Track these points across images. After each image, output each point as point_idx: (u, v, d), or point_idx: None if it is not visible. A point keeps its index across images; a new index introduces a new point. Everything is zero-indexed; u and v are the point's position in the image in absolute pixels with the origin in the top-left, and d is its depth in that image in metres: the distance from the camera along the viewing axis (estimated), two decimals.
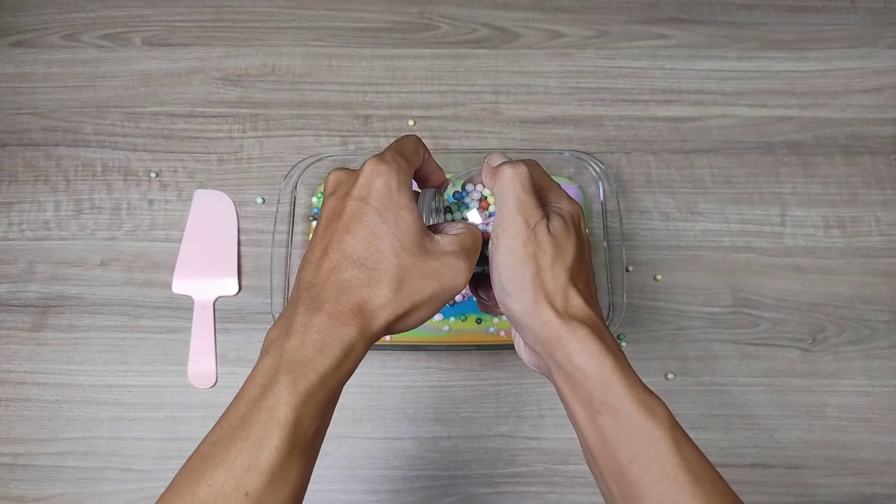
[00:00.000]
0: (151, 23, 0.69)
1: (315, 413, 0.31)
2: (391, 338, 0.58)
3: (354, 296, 0.33)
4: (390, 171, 0.35)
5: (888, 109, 0.67)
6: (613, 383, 0.34)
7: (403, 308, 0.34)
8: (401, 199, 0.35)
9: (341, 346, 0.31)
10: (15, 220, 0.63)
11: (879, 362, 0.59)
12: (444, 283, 0.35)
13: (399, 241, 0.34)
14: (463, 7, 0.70)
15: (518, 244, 0.36)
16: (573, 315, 0.36)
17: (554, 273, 0.36)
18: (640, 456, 0.33)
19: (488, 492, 0.56)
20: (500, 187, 0.37)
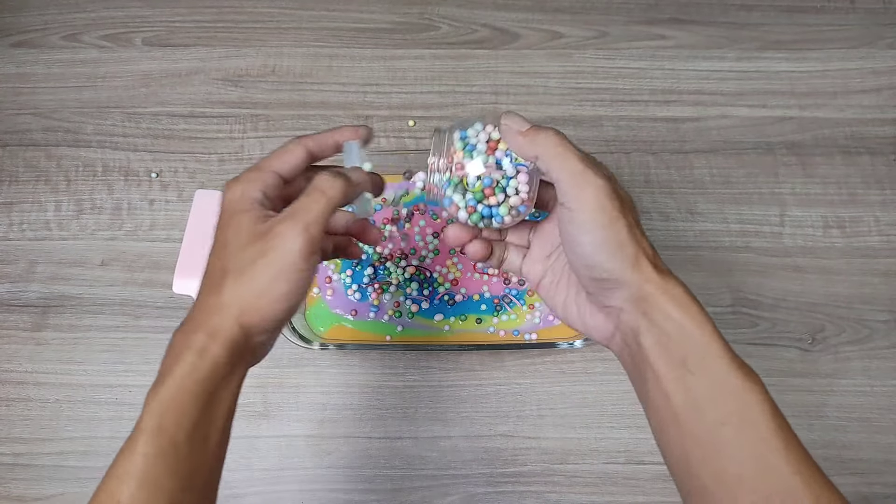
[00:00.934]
0: (152, 23, 0.70)
1: (179, 417, 0.32)
2: (391, 337, 0.58)
3: (204, 305, 0.35)
4: (232, 188, 0.37)
5: (887, 110, 0.67)
6: (712, 345, 0.34)
7: (248, 295, 0.34)
8: (242, 205, 0.36)
9: (190, 351, 0.33)
10: (16, 220, 0.63)
11: (878, 362, 0.59)
12: (278, 251, 0.34)
13: (236, 241, 0.35)
14: (463, 8, 0.70)
15: (605, 200, 0.35)
16: (668, 273, 0.35)
17: (640, 228, 0.36)
18: (733, 418, 0.33)
19: (488, 491, 0.56)
20: (549, 149, 0.36)
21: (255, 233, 0.35)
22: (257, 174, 0.38)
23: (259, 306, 0.34)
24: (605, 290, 0.37)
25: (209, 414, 0.33)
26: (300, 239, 0.34)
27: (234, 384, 0.35)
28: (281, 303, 0.35)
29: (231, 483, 0.56)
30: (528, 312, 0.59)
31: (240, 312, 0.34)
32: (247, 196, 0.36)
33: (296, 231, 0.34)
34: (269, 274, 0.34)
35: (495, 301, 0.59)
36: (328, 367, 0.59)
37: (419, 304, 0.59)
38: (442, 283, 0.59)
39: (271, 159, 0.38)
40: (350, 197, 0.38)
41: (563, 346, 0.56)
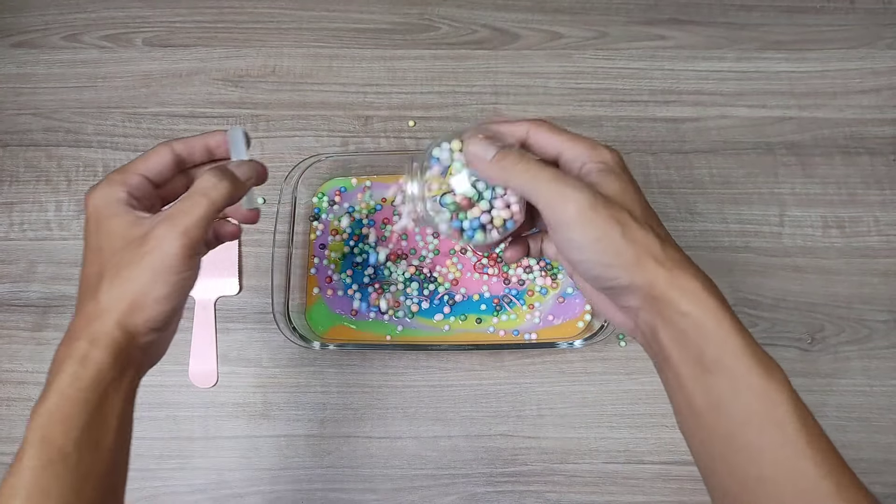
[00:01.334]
0: (152, 24, 0.70)
1: (65, 426, 0.32)
2: (391, 337, 0.58)
3: (82, 313, 0.35)
4: (94, 193, 0.37)
5: (887, 110, 0.67)
6: (730, 340, 0.32)
7: (127, 298, 0.34)
8: (109, 209, 0.36)
9: (72, 360, 0.33)
10: (16, 220, 0.63)
11: (878, 362, 0.59)
12: (155, 253, 0.34)
13: (109, 245, 0.35)
14: (463, 8, 0.70)
15: (589, 213, 0.33)
16: (678, 265, 0.34)
17: (640, 225, 0.34)
18: (756, 418, 0.31)
19: (488, 490, 0.56)
20: (517, 175, 0.35)
21: (131, 236, 0.35)
22: (119, 176, 0.37)
23: (140, 307, 0.34)
24: (616, 296, 0.36)
25: (99, 419, 0.33)
26: (178, 242, 0.34)
27: (126, 387, 0.35)
28: (162, 304, 0.35)
29: (231, 483, 0.56)
30: (527, 312, 0.59)
31: (120, 315, 0.34)
32: (111, 199, 0.36)
33: (174, 234, 0.34)
34: (146, 276, 0.34)
35: (495, 301, 0.59)
36: (328, 367, 0.59)
37: (419, 304, 0.59)
38: (442, 283, 0.59)
39: (136, 162, 0.38)
40: (236, 198, 0.38)
41: (562, 346, 0.56)
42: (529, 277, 0.60)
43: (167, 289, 0.34)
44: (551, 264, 0.60)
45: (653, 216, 0.36)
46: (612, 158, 0.36)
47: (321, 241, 0.61)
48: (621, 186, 0.35)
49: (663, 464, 0.56)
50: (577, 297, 0.60)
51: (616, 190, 0.35)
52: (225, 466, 0.56)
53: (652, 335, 0.35)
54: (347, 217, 0.62)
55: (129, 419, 0.36)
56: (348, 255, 0.60)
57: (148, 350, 0.36)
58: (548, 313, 0.59)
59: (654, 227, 0.35)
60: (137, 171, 0.38)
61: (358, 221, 0.61)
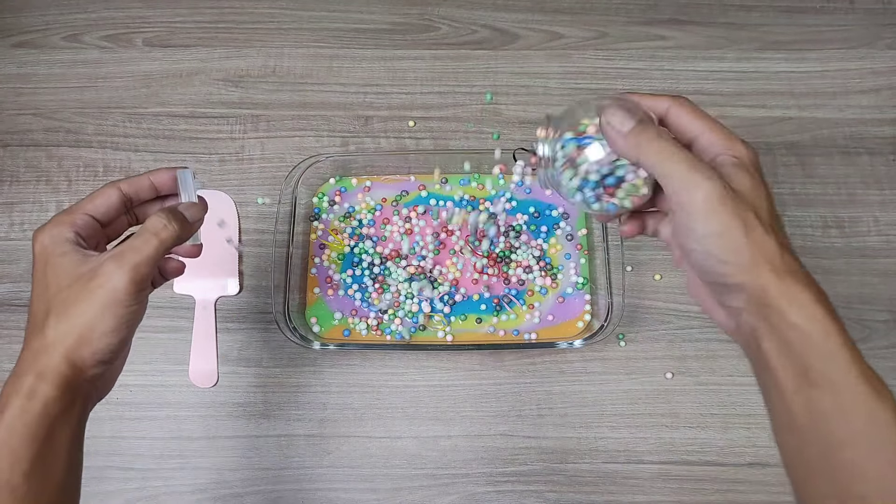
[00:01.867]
0: (153, 24, 0.70)
1: (13, 460, 0.33)
2: (391, 337, 0.58)
3: (29, 348, 0.36)
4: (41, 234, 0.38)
5: (886, 110, 0.67)
6: (838, 355, 0.31)
7: (74, 332, 0.35)
8: (56, 248, 0.37)
9: (18, 395, 0.34)
10: (17, 220, 0.63)
11: (877, 362, 0.58)
12: (104, 288, 0.35)
13: (56, 282, 0.36)
14: (463, 8, 0.70)
15: (716, 205, 0.32)
16: (793, 274, 0.33)
17: (764, 228, 0.33)
18: (860, 438, 0.30)
19: (488, 490, 0.56)
20: (651, 154, 0.34)
21: (78, 273, 0.36)
22: (67, 216, 0.39)
23: (87, 341, 0.36)
24: (721, 293, 0.35)
25: (48, 451, 0.34)
26: (126, 277, 0.36)
27: (74, 419, 0.36)
28: (109, 337, 0.36)
29: (232, 482, 0.56)
30: (527, 312, 0.59)
31: (67, 350, 0.35)
32: (59, 239, 0.37)
33: (122, 270, 0.36)
34: (94, 310, 0.35)
35: (495, 301, 0.59)
36: (328, 366, 0.59)
37: (419, 304, 0.59)
38: (442, 283, 0.60)
39: (83, 202, 0.40)
40: (184, 238, 0.40)
41: (562, 346, 0.56)
42: (529, 277, 0.60)
43: (114, 322, 0.36)
44: (551, 264, 0.60)
45: (778, 221, 0.35)
46: (747, 154, 0.35)
47: (321, 241, 0.61)
48: (752, 184, 0.34)
49: (663, 464, 0.56)
50: (576, 297, 0.60)
51: (747, 187, 0.34)
52: (225, 466, 0.56)
53: (754, 340, 0.34)
54: (347, 217, 0.62)
55: (79, 449, 0.37)
56: (348, 255, 0.61)
57: (95, 383, 0.38)
58: (548, 313, 0.59)
59: (777, 232, 0.34)
60: (85, 210, 0.39)
61: (358, 221, 0.62)
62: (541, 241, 0.61)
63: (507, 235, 0.61)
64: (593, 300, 0.60)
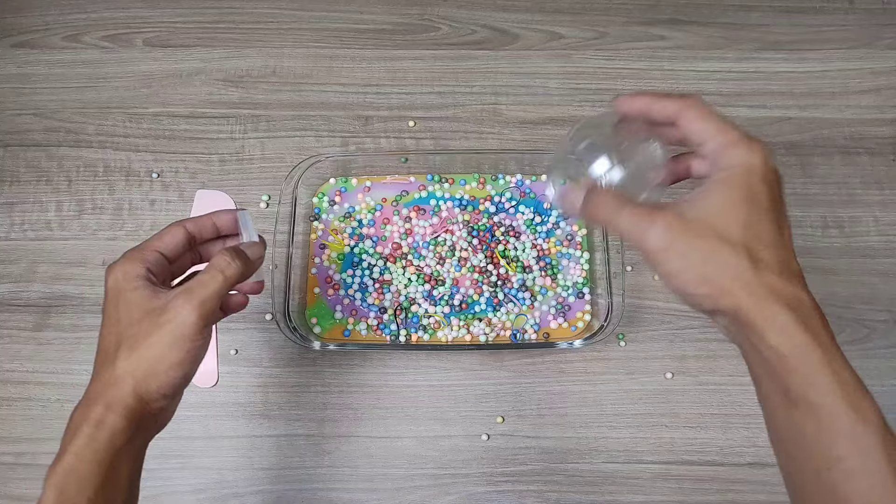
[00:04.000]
0: (153, 24, 0.70)
1: (80, 487, 0.35)
2: (390, 337, 0.58)
3: (99, 379, 0.37)
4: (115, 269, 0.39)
5: (886, 110, 0.67)
6: (818, 377, 0.30)
7: (143, 366, 0.37)
8: (129, 284, 0.38)
9: (88, 423, 0.36)
10: (17, 220, 0.63)
11: (877, 361, 0.59)
12: (173, 323, 0.37)
13: (128, 316, 0.38)
14: (463, 9, 0.71)
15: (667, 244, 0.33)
16: (772, 294, 0.32)
17: (732, 249, 0.32)
18: (845, 462, 0.30)
19: (488, 490, 0.56)
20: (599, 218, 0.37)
21: (149, 308, 0.38)
22: (139, 254, 0.40)
23: (154, 374, 0.37)
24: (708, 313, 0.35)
25: (111, 481, 0.36)
26: (195, 313, 0.37)
27: (136, 451, 0.38)
28: (175, 370, 0.37)
29: (232, 482, 0.56)
30: (527, 312, 0.59)
31: (135, 382, 0.37)
32: (131, 275, 0.39)
33: (191, 305, 0.37)
34: (163, 344, 0.37)
35: (495, 301, 0.59)
36: (329, 366, 0.59)
37: (419, 305, 0.59)
38: (442, 283, 0.60)
39: (152, 240, 0.41)
40: (247, 276, 0.41)
41: (562, 346, 0.56)
42: (529, 277, 0.60)
43: (181, 355, 0.37)
44: (552, 263, 0.60)
45: (759, 235, 0.33)
46: (742, 164, 0.34)
47: (321, 242, 0.61)
48: (727, 201, 0.34)
49: (663, 463, 0.56)
50: (576, 297, 0.60)
51: (717, 206, 0.34)
52: (225, 466, 0.57)
53: (743, 354, 0.35)
54: (347, 217, 0.62)
55: (137, 481, 0.39)
56: (348, 255, 0.61)
57: (157, 417, 0.39)
58: (548, 313, 0.59)
59: (753, 247, 0.33)
60: (154, 248, 0.41)
61: (358, 221, 0.62)
62: (541, 241, 0.61)
63: (506, 235, 0.61)
64: (593, 300, 0.60)
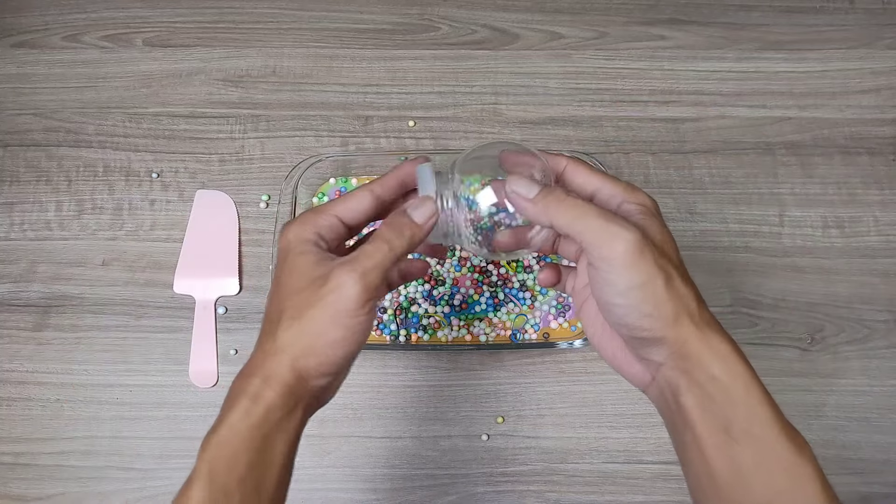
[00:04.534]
0: (153, 24, 0.70)
1: (231, 462, 0.32)
2: (390, 337, 0.58)
3: (261, 349, 0.35)
4: (287, 229, 0.37)
5: (886, 110, 0.67)
6: (759, 410, 0.31)
7: (302, 340, 0.34)
8: (296, 247, 0.36)
9: (245, 396, 0.33)
10: (17, 220, 0.63)
11: (878, 362, 0.59)
12: (334, 295, 0.34)
13: (290, 283, 0.35)
14: (463, 8, 0.71)
15: (636, 257, 0.32)
16: (711, 325, 0.33)
17: (681, 279, 0.33)
18: (783, 496, 0.30)
19: (488, 490, 0.56)
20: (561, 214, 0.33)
21: (312, 276, 0.35)
22: (313, 216, 0.37)
23: (314, 351, 0.34)
24: (642, 346, 0.34)
25: (263, 459, 0.33)
26: (357, 286, 0.34)
27: (292, 429, 0.34)
28: (336, 348, 0.34)
29: None
30: (528, 312, 0.59)
31: (294, 357, 0.34)
32: (300, 237, 0.36)
33: (353, 277, 0.34)
34: (324, 319, 0.34)
35: (495, 301, 0.59)
36: None
37: (419, 305, 0.59)
38: (442, 283, 0.60)
39: (335, 202, 0.38)
40: (416, 246, 0.37)
41: (562, 346, 0.56)
42: (529, 277, 0.60)
43: (343, 332, 0.34)
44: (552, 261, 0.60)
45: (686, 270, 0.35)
46: (651, 204, 0.35)
47: None
48: (663, 232, 0.34)
49: (663, 464, 0.56)
50: None
51: (660, 236, 0.34)
52: None
53: (672, 395, 0.34)
54: None
55: (292, 461, 0.35)
56: None
57: (317, 395, 0.36)
58: (548, 313, 0.59)
59: (691, 282, 0.34)
60: (333, 211, 0.37)
61: None
62: None
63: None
64: None
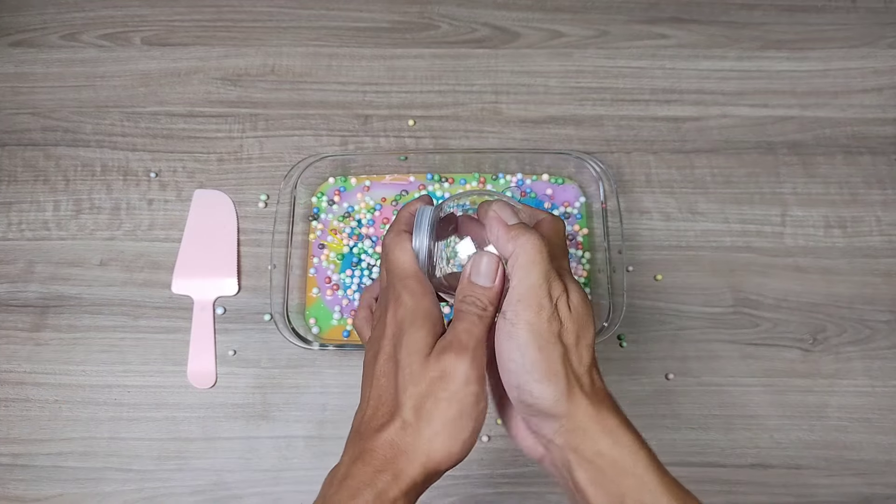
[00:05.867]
0: (151, 22, 0.69)
1: None
2: None
3: (386, 439, 0.33)
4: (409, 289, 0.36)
5: (888, 109, 0.67)
6: (649, 480, 0.32)
7: (437, 445, 0.33)
8: (417, 320, 0.35)
9: (371, 490, 0.32)
10: (14, 219, 0.63)
11: (880, 362, 0.59)
12: (453, 388, 0.33)
13: (409, 366, 0.34)
14: (463, 7, 0.70)
15: (542, 322, 0.33)
16: (601, 400, 0.34)
17: (579, 353, 0.34)
18: None
19: (488, 492, 0.56)
20: (521, 256, 0.34)
21: (428, 364, 0.34)
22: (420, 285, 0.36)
23: (447, 451, 0.33)
24: (534, 417, 0.35)
25: None
26: (473, 372, 0.33)
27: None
28: (468, 443, 0.34)
29: (231, 484, 0.56)
30: None
31: (426, 458, 0.33)
32: (422, 308, 0.35)
33: (465, 364, 0.33)
34: (451, 414, 0.33)
35: None
36: (328, 367, 0.59)
37: None
38: None
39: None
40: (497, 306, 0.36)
41: None
42: None
43: (471, 423, 0.33)
44: None
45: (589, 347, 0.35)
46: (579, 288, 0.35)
47: (320, 242, 0.61)
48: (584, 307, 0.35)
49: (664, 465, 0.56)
50: None
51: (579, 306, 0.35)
52: (224, 468, 0.56)
53: (566, 470, 0.34)
54: (347, 217, 0.61)
55: None
56: (347, 256, 0.60)
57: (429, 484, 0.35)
58: None
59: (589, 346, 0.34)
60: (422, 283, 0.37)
61: (357, 221, 0.61)
62: None
63: None
64: (593, 301, 0.59)
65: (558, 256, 0.37)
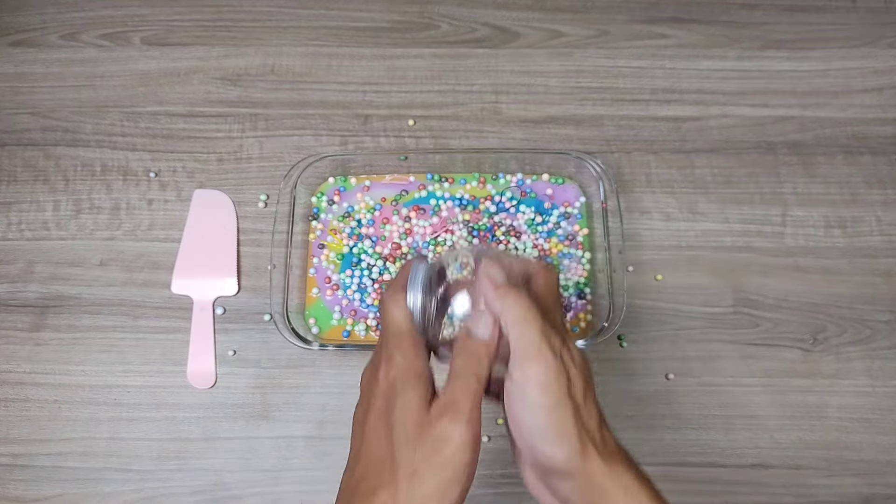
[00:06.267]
0: (150, 22, 0.69)
1: None
2: None
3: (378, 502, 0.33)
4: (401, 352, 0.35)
5: (889, 109, 0.67)
6: None
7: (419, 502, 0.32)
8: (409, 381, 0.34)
9: None
10: (14, 220, 0.63)
11: (880, 362, 0.59)
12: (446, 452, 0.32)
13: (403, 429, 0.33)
14: (463, 6, 0.70)
15: (551, 378, 0.33)
16: (613, 456, 0.34)
17: (588, 409, 0.34)
18: None
19: (488, 493, 0.56)
20: (511, 313, 0.34)
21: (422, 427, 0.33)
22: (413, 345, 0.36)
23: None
24: (549, 477, 0.34)
25: None
26: (467, 435, 0.33)
27: None
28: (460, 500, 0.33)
29: (230, 484, 0.56)
30: None
31: None
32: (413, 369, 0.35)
33: (459, 429, 0.33)
34: (444, 478, 0.32)
35: None
36: (327, 367, 0.59)
37: None
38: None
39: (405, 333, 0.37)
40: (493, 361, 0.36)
41: None
42: None
43: (461, 485, 0.33)
44: (553, 263, 0.60)
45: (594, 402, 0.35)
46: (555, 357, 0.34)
47: (320, 242, 0.61)
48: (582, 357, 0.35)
49: (664, 465, 0.56)
50: (577, 297, 0.59)
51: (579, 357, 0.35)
52: (224, 468, 0.56)
53: None
54: (346, 217, 0.61)
55: None
56: (347, 256, 0.60)
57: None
58: None
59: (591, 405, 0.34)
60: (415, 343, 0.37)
61: (357, 221, 0.61)
62: (542, 240, 0.60)
63: (507, 235, 0.60)
64: (594, 301, 0.59)
65: (551, 310, 0.37)
